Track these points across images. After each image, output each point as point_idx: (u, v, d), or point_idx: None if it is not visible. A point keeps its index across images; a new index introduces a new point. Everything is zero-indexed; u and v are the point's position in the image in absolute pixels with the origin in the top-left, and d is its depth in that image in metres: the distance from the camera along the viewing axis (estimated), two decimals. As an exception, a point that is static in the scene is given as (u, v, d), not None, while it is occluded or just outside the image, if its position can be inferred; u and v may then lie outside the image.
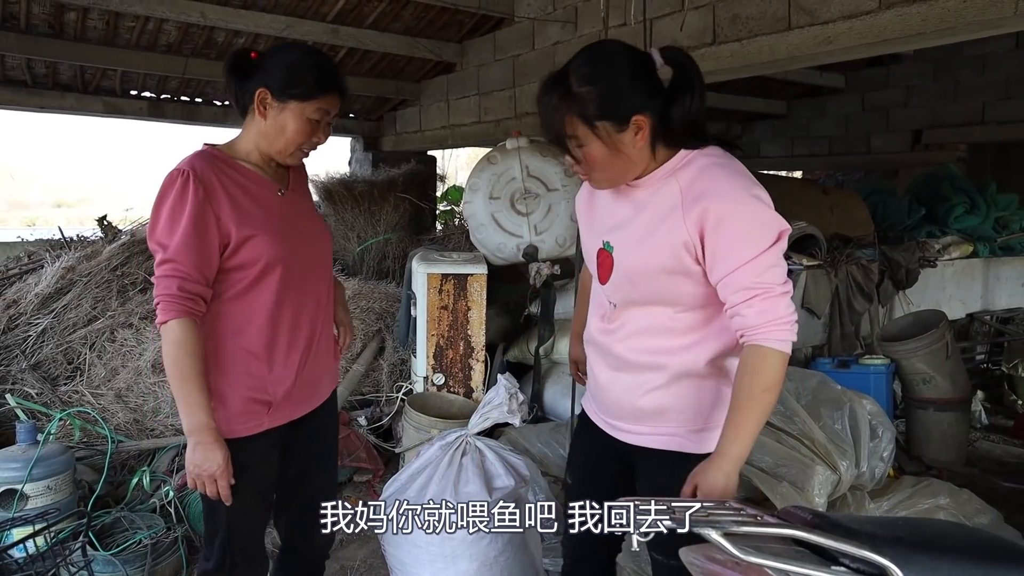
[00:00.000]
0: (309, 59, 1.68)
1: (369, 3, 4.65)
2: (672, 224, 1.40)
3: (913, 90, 7.44)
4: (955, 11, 2.95)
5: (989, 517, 2.67)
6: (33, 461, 2.58)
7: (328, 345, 1.85)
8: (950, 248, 5.29)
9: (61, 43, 4.59)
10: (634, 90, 1.38)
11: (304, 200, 1.84)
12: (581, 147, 1.40)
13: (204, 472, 1.51)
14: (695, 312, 1.48)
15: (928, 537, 1.07)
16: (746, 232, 1.35)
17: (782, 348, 1.36)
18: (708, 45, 3.76)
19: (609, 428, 1.65)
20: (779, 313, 1.36)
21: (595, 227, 1.60)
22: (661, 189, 1.44)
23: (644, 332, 1.52)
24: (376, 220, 5.91)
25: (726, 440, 1.37)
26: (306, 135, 1.67)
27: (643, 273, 1.46)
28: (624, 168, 1.44)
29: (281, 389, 1.68)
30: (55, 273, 3.96)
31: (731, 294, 1.37)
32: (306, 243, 1.74)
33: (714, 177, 1.39)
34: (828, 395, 2.77)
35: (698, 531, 1.02)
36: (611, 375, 1.60)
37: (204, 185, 1.56)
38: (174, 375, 1.51)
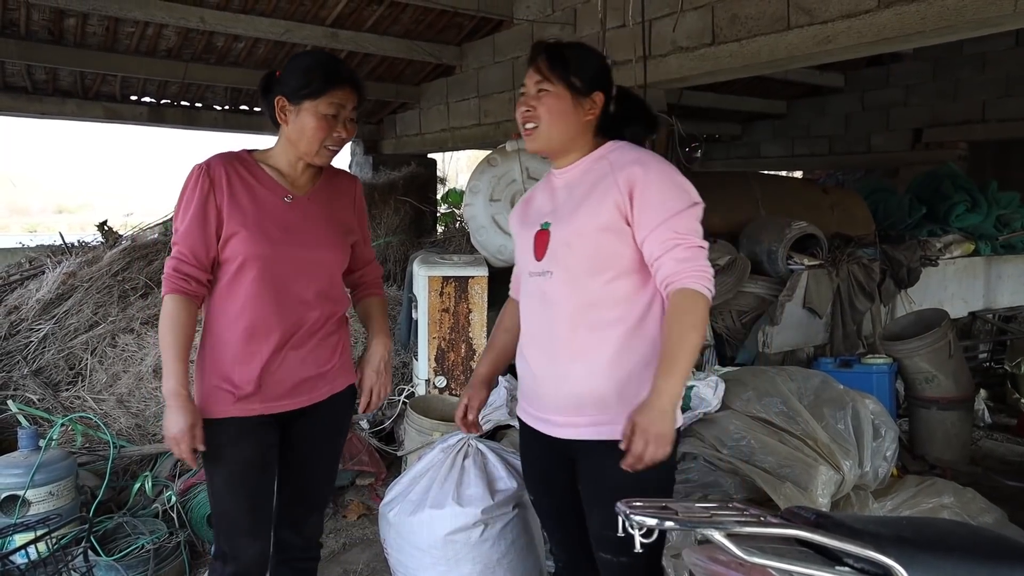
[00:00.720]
0: (314, 59, 1.80)
1: (368, 7, 4.66)
2: (604, 187, 1.54)
3: (913, 89, 7.44)
4: (954, 9, 2.95)
5: (994, 516, 2.66)
6: (35, 467, 2.58)
7: (324, 353, 1.87)
8: (951, 247, 5.28)
9: (61, 49, 4.60)
10: (603, 78, 1.63)
11: (323, 209, 1.86)
12: (545, 92, 1.58)
13: (168, 434, 1.65)
14: (626, 279, 1.55)
15: (932, 536, 1.07)
16: (668, 192, 1.51)
17: (705, 292, 1.46)
18: (707, 45, 3.76)
19: (547, 426, 1.65)
20: (700, 263, 1.48)
21: (531, 220, 1.68)
22: (592, 168, 1.61)
23: (578, 308, 1.56)
24: (377, 223, 5.91)
25: (660, 377, 1.42)
26: (325, 131, 1.76)
27: (578, 233, 1.55)
28: (565, 130, 1.59)
29: (244, 382, 1.75)
30: (56, 279, 3.96)
31: (656, 245, 1.49)
32: (302, 250, 1.79)
33: (640, 152, 1.59)
34: (831, 395, 2.76)
35: (701, 532, 1.02)
36: (546, 365, 1.62)
37: (211, 179, 1.74)
38: (160, 343, 1.71)
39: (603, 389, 1.55)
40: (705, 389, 2.77)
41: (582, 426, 1.58)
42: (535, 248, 1.64)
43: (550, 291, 1.60)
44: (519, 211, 1.78)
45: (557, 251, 1.58)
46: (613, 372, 1.55)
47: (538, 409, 1.68)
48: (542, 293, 1.62)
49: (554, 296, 1.59)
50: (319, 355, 1.86)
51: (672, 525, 1.05)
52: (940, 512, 2.66)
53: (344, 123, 1.79)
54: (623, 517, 1.08)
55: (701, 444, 2.66)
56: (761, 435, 2.60)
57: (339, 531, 3.08)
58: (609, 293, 1.55)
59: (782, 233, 4.30)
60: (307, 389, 1.85)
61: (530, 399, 1.71)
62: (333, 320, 1.90)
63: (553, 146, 1.63)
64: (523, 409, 1.75)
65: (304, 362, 1.83)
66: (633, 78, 3.31)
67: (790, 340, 4.24)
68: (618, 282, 1.55)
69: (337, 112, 1.76)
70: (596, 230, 1.53)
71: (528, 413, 1.73)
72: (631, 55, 3.50)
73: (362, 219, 2.02)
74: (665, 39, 3.92)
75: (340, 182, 1.96)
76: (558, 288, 1.58)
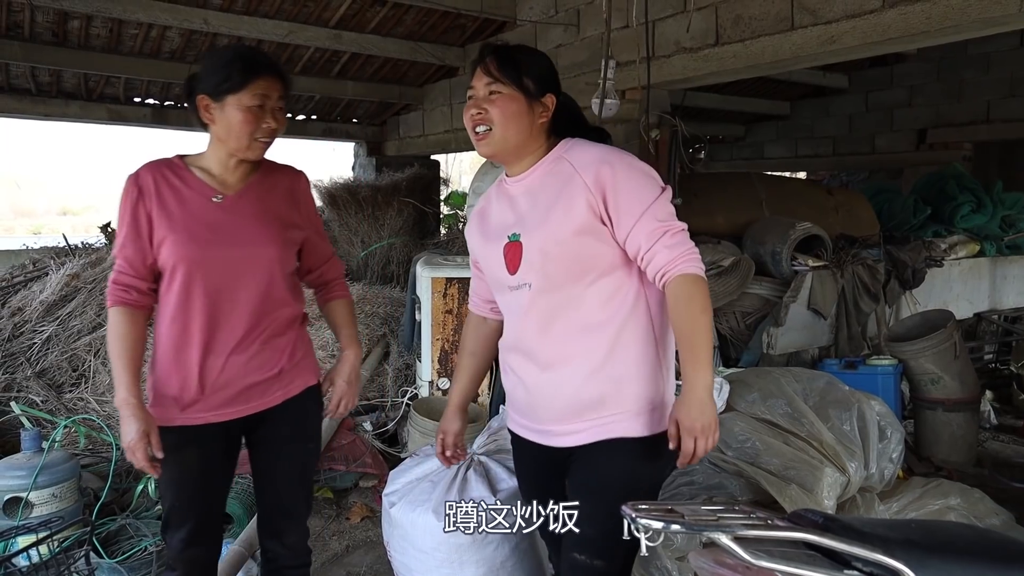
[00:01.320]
0: (232, 52, 1.75)
1: (371, 8, 4.66)
2: (573, 189, 1.49)
3: (917, 90, 7.42)
4: (959, 9, 2.94)
5: (1001, 518, 2.64)
6: (38, 469, 2.58)
7: (272, 356, 1.81)
8: (956, 247, 5.26)
9: (65, 51, 4.61)
10: (552, 80, 1.59)
11: (255, 205, 1.79)
12: (497, 94, 1.52)
13: (123, 443, 1.64)
14: (609, 278, 1.51)
15: (941, 539, 1.06)
16: (639, 182, 1.48)
17: (701, 273, 1.45)
18: (711, 46, 3.75)
19: (542, 437, 1.60)
20: (688, 245, 1.46)
21: (495, 234, 1.61)
22: (553, 170, 1.55)
23: (564, 314, 1.52)
24: (380, 225, 5.91)
25: (689, 369, 1.41)
26: (253, 123, 1.70)
27: (555, 240, 1.49)
28: (519, 133, 1.53)
29: (184, 390, 1.73)
30: (60, 280, 3.96)
31: (644, 237, 1.45)
32: (233, 249, 1.74)
33: (599, 148, 1.54)
34: (836, 396, 2.74)
35: (708, 535, 1.01)
36: (539, 376, 1.56)
37: (140, 188, 1.72)
38: (109, 356, 1.73)
39: (601, 391, 1.51)
40: (709, 391, 2.75)
41: (582, 431, 1.53)
42: (507, 262, 1.57)
43: (531, 302, 1.54)
44: (476, 227, 1.71)
45: (533, 261, 1.52)
46: (609, 372, 1.51)
47: (535, 421, 1.62)
48: (523, 305, 1.55)
49: (537, 306, 1.53)
50: (265, 359, 1.79)
51: (678, 528, 1.04)
52: (947, 514, 2.64)
53: (272, 113, 1.73)
54: (629, 520, 1.07)
55: (705, 446, 2.65)
56: (766, 437, 2.58)
57: (342, 533, 3.07)
58: (594, 294, 1.51)
59: (786, 234, 4.28)
60: (257, 395, 1.79)
61: (524, 412, 1.65)
62: (280, 321, 1.82)
63: (507, 150, 1.57)
64: (516, 422, 1.69)
65: (248, 367, 1.76)
66: (637, 79, 3.30)
67: (795, 341, 4.22)
68: (601, 282, 1.51)
69: (262, 103, 1.71)
70: (573, 234, 1.48)
71: (523, 426, 1.66)
72: (635, 56, 3.49)
73: (309, 213, 1.93)
74: (669, 40, 3.91)
75: (278, 176, 1.87)
76: (539, 297, 1.53)
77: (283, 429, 1.85)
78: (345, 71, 5.72)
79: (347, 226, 5.96)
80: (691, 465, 1.41)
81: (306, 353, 1.91)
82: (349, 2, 4.50)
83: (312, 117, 6.72)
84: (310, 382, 1.90)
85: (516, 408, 1.68)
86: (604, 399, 1.51)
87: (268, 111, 1.72)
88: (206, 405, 1.75)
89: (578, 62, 4.43)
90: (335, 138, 7.04)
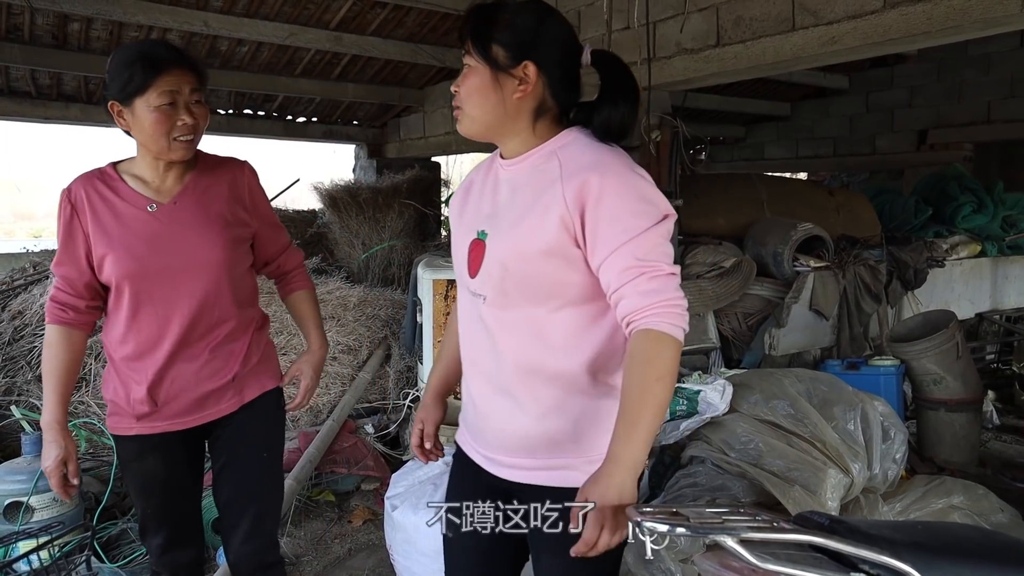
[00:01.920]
0: (133, 51, 1.64)
1: (372, 10, 4.66)
2: (550, 199, 1.24)
3: (917, 90, 7.41)
4: (960, 9, 2.93)
5: (1006, 515, 2.63)
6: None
7: (223, 364, 1.76)
8: (958, 248, 5.26)
9: (65, 54, 4.60)
10: (539, 45, 1.28)
11: (194, 209, 1.72)
12: (468, 68, 1.30)
13: (42, 467, 1.64)
14: (580, 309, 1.29)
15: (949, 541, 1.05)
16: (630, 207, 1.21)
17: (673, 333, 1.19)
18: (712, 47, 3.74)
19: (490, 465, 1.39)
20: (667, 294, 1.19)
21: (468, 221, 1.39)
22: (541, 166, 1.29)
23: (523, 337, 1.30)
24: (381, 227, 5.91)
25: (617, 441, 1.15)
26: (166, 123, 1.61)
27: (517, 256, 1.26)
28: (486, 113, 1.30)
29: (138, 403, 1.70)
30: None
31: (615, 275, 1.20)
32: (174, 259, 1.68)
33: (598, 151, 1.26)
34: (839, 397, 2.73)
35: (713, 538, 1.00)
36: (490, 398, 1.37)
37: (73, 204, 1.67)
38: (42, 372, 1.70)
39: (556, 431, 1.30)
40: (712, 393, 2.75)
41: (534, 469, 1.32)
42: (469, 260, 1.35)
43: (488, 318, 1.33)
44: (458, 203, 1.47)
45: (492, 272, 1.30)
46: (568, 412, 1.30)
47: (480, 444, 1.42)
48: (478, 317, 1.35)
49: (493, 325, 1.32)
50: (218, 366, 1.75)
51: (683, 531, 1.03)
52: (951, 512, 2.63)
53: (186, 108, 1.62)
54: (633, 524, 1.06)
55: (708, 447, 2.64)
56: (769, 438, 2.58)
57: (344, 537, 3.06)
58: (557, 324, 1.29)
59: (788, 235, 4.28)
60: (211, 402, 1.76)
61: (473, 432, 1.45)
62: (233, 326, 1.76)
63: (480, 132, 1.33)
64: (464, 438, 1.49)
65: (199, 375, 1.73)
66: (638, 80, 3.29)
67: (796, 342, 4.21)
68: (566, 312, 1.28)
69: (172, 99, 1.60)
70: (539, 254, 1.25)
71: (470, 446, 1.46)
72: (636, 57, 3.49)
73: (256, 204, 1.82)
74: (670, 41, 3.90)
75: (219, 172, 1.77)
76: (496, 315, 1.32)
77: (238, 436, 1.81)
78: (346, 73, 5.71)
79: (348, 228, 5.96)
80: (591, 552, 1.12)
81: (263, 357, 1.84)
82: (350, 4, 4.50)
83: (313, 119, 6.72)
84: (266, 387, 1.83)
85: (466, 424, 1.49)
86: (560, 442, 1.31)
87: (181, 107, 1.62)
88: (161, 415, 1.73)
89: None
90: (336, 140, 7.04)
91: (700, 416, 2.72)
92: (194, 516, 1.89)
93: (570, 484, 1.23)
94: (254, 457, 1.83)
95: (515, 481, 1.35)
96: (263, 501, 1.84)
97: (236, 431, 1.80)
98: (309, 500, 3.29)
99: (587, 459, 1.28)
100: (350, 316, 4.32)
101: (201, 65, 1.69)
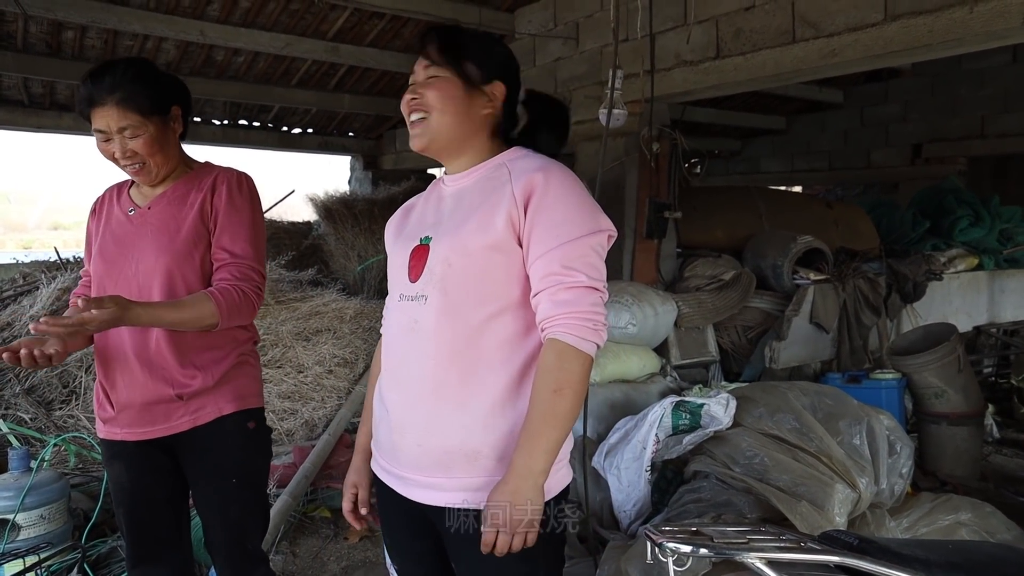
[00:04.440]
0: (87, 72, 1.64)
1: (369, 21, 4.64)
2: (498, 198, 1.27)
3: (912, 104, 7.46)
4: (961, 22, 2.93)
5: (1013, 533, 2.60)
6: (26, 489, 2.50)
7: (176, 376, 1.69)
8: (955, 261, 5.26)
9: (59, 62, 4.57)
10: (504, 68, 1.37)
11: (160, 215, 1.70)
12: (435, 78, 1.32)
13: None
14: (513, 316, 1.27)
15: (983, 561, 1.01)
16: (566, 213, 1.23)
17: (579, 346, 1.19)
18: (712, 59, 3.74)
19: (402, 485, 1.33)
20: (581, 307, 1.19)
21: (408, 234, 1.39)
22: (490, 175, 1.33)
23: (456, 344, 1.26)
24: (377, 239, 5.87)
25: (518, 451, 1.18)
26: (108, 153, 1.67)
27: (462, 251, 1.26)
28: (456, 122, 1.32)
29: (101, 404, 1.75)
30: (50, 295, 3.89)
31: (537, 279, 1.23)
32: (132, 262, 1.69)
33: (547, 163, 1.30)
34: (844, 410, 2.70)
35: (740, 559, 0.95)
36: (408, 410, 1.31)
37: (94, 210, 1.81)
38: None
39: (478, 444, 1.24)
40: (716, 406, 2.71)
41: (448, 490, 1.26)
42: (410, 266, 1.33)
43: (423, 320, 1.28)
44: (396, 223, 1.47)
45: (435, 270, 1.28)
46: (493, 424, 1.24)
47: (392, 463, 1.35)
48: (413, 322, 1.30)
49: (427, 326, 1.28)
50: (168, 378, 1.68)
51: (706, 552, 0.99)
52: (958, 528, 2.60)
53: (119, 145, 1.63)
54: (654, 545, 1.02)
55: (712, 462, 2.60)
56: (774, 452, 2.54)
57: (340, 554, 2.99)
58: (493, 330, 1.26)
59: (787, 248, 4.26)
60: (161, 416, 1.69)
61: (385, 451, 1.37)
62: (192, 339, 1.69)
63: (442, 142, 1.33)
64: (377, 463, 1.41)
65: (145, 386, 1.67)
66: (640, 91, 3.28)
67: (797, 355, 4.18)
68: (504, 318, 1.26)
69: (106, 136, 1.63)
70: (484, 248, 1.25)
71: (383, 468, 1.38)
72: (637, 69, 3.47)
73: (221, 213, 1.73)
74: (669, 53, 3.90)
75: (202, 181, 1.75)
76: (433, 317, 1.27)
77: (194, 460, 1.75)
78: (342, 84, 5.69)
79: (343, 240, 5.92)
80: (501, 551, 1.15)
81: (229, 378, 1.74)
82: (347, 15, 4.48)
83: (308, 131, 6.69)
84: (224, 410, 1.73)
85: (379, 445, 1.41)
86: (480, 456, 1.24)
87: (115, 141, 1.63)
88: (118, 422, 1.73)
89: (577, 75, 4.41)
90: (331, 151, 7.02)
91: (703, 430, 2.68)
92: (166, 531, 1.79)
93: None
94: (221, 482, 1.75)
95: (430, 504, 1.28)
96: (241, 527, 1.79)
97: (200, 454, 1.74)
98: (304, 516, 3.22)
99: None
100: (346, 328, 4.27)
101: (132, 96, 1.61)
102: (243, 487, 1.77)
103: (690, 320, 3.94)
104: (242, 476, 1.76)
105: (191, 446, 1.73)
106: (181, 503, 1.84)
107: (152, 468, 1.75)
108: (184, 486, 1.82)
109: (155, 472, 1.75)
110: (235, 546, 1.78)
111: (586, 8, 4.37)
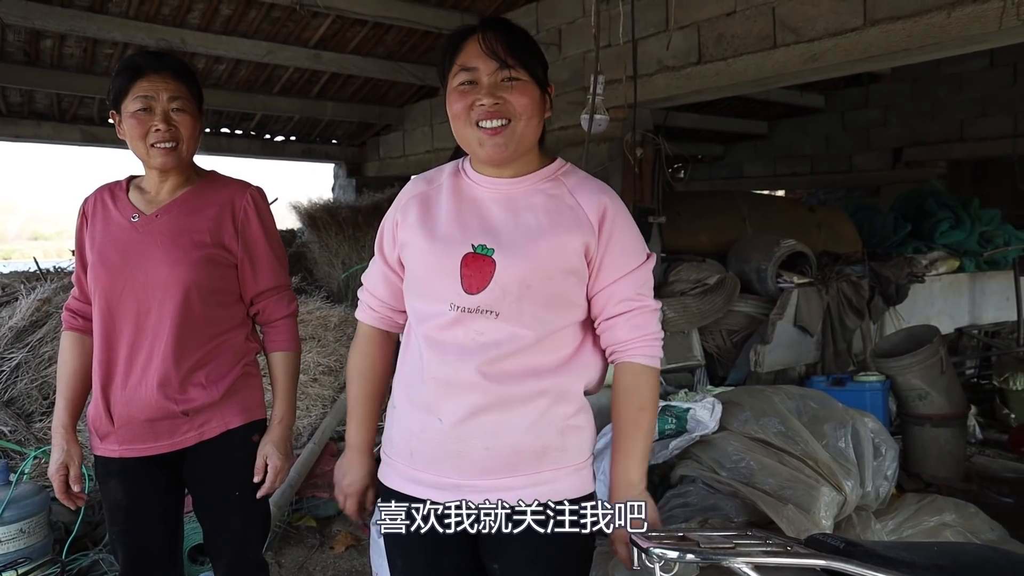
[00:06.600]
0: (126, 60, 1.69)
1: (352, 28, 4.63)
2: (571, 222, 1.27)
3: (892, 109, 7.55)
4: (940, 27, 2.97)
5: (996, 533, 2.62)
6: (5, 503, 2.46)
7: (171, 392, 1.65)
8: (937, 263, 5.31)
9: (37, 71, 4.52)
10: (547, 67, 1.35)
11: (171, 223, 1.66)
12: (516, 80, 1.24)
13: (49, 472, 1.66)
14: (576, 326, 1.32)
15: (969, 564, 1.01)
16: (632, 240, 1.33)
17: (653, 364, 1.32)
18: (694, 64, 3.76)
19: (456, 492, 1.28)
20: (651, 329, 1.32)
21: (446, 235, 1.30)
22: (543, 188, 1.31)
23: (527, 351, 1.26)
24: (361, 246, 5.84)
25: (615, 470, 1.32)
26: (141, 128, 1.62)
27: (543, 274, 1.25)
28: (534, 132, 1.29)
29: (96, 420, 1.68)
30: (30, 306, 3.84)
31: (611, 305, 1.30)
32: (139, 272, 1.62)
33: (604, 186, 1.35)
34: (829, 413, 2.71)
35: (727, 564, 0.95)
36: (476, 416, 1.26)
37: (84, 213, 1.73)
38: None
39: (543, 441, 1.27)
40: (702, 411, 2.71)
41: (517, 488, 1.26)
42: (463, 275, 1.26)
43: (493, 333, 1.25)
44: (416, 216, 1.35)
45: (510, 290, 1.24)
46: (551, 422, 1.28)
47: (445, 473, 1.29)
48: (477, 334, 1.26)
49: (498, 338, 1.25)
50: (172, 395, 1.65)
51: (693, 557, 0.98)
52: (943, 530, 2.61)
53: (163, 115, 1.60)
54: (639, 551, 1.01)
55: (699, 466, 2.60)
56: (760, 456, 2.54)
57: (326, 564, 2.97)
58: (555, 338, 1.29)
59: (771, 252, 4.29)
60: (165, 432, 1.66)
61: (432, 462, 1.30)
62: (203, 353, 1.67)
63: (522, 150, 1.29)
64: (408, 476, 1.33)
65: (150, 402, 1.63)
66: (622, 97, 3.29)
67: (782, 359, 4.21)
68: (568, 329, 1.31)
69: (146, 105, 1.60)
70: (562, 271, 1.26)
71: (422, 482, 1.31)
72: (620, 74, 3.49)
73: (248, 234, 1.71)
74: (651, 58, 3.92)
75: (216, 192, 1.71)
76: (506, 330, 1.25)
77: (198, 473, 1.72)
78: (325, 91, 5.67)
79: (327, 247, 5.88)
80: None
81: (234, 391, 1.71)
82: (329, 22, 4.47)
83: (291, 138, 6.66)
84: (231, 424, 1.70)
85: (419, 457, 1.32)
86: (543, 452, 1.28)
87: (157, 114, 1.60)
88: (117, 438, 1.67)
89: (560, 81, 4.43)
90: (314, 159, 6.98)
91: (689, 435, 2.68)
92: (160, 549, 1.77)
93: (556, 497, 1.27)
94: (225, 494, 1.74)
95: (493, 502, 1.25)
96: (243, 536, 1.77)
97: (204, 467, 1.71)
98: (290, 526, 3.19)
99: (574, 466, 1.32)
100: (331, 336, 4.24)
101: (188, 75, 1.68)
102: (246, 498, 1.75)
103: (675, 324, 3.95)
104: (245, 487, 1.74)
105: (195, 460, 1.71)
106: (175, 519, 1.81)
107: (150, 486, 1.71)
108: (179, 502, 1.80)
109: (153, 490, 1.72)
110: (236, 555, 1.78)
111: (568, 14, 4.39)
